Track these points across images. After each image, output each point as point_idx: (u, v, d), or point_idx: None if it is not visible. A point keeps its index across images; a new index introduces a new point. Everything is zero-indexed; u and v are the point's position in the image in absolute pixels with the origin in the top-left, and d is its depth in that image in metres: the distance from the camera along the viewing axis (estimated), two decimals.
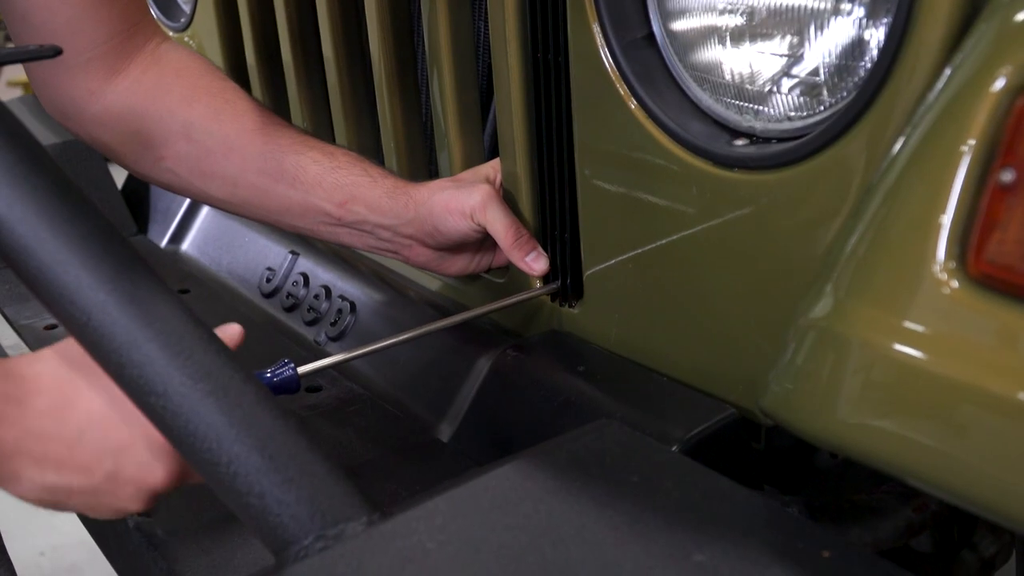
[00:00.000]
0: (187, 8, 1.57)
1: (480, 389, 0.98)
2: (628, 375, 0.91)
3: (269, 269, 1.32)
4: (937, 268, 0.56)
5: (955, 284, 0.56)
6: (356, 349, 0.92)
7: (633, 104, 0.84)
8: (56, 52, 0.84)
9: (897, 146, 0.61)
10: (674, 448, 0.81)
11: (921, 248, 0.57)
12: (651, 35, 0.85)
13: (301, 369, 0.86)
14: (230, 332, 0.78)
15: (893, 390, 0.57)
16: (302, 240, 1.33)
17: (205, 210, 1.51)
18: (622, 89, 0.85)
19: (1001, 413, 0.53)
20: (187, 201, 1.53)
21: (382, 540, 0.61)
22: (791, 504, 0.81)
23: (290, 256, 1.31)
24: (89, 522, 1.06)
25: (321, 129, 1.33)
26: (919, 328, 0.57)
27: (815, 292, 0.63)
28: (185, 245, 1.51)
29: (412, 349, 1.07)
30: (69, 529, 2.22)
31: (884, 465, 0.58)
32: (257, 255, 1.35)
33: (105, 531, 0.97)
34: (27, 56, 0.83)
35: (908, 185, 0.59)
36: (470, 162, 1.10)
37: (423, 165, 1.21)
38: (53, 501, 0.70)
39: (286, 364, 0.85)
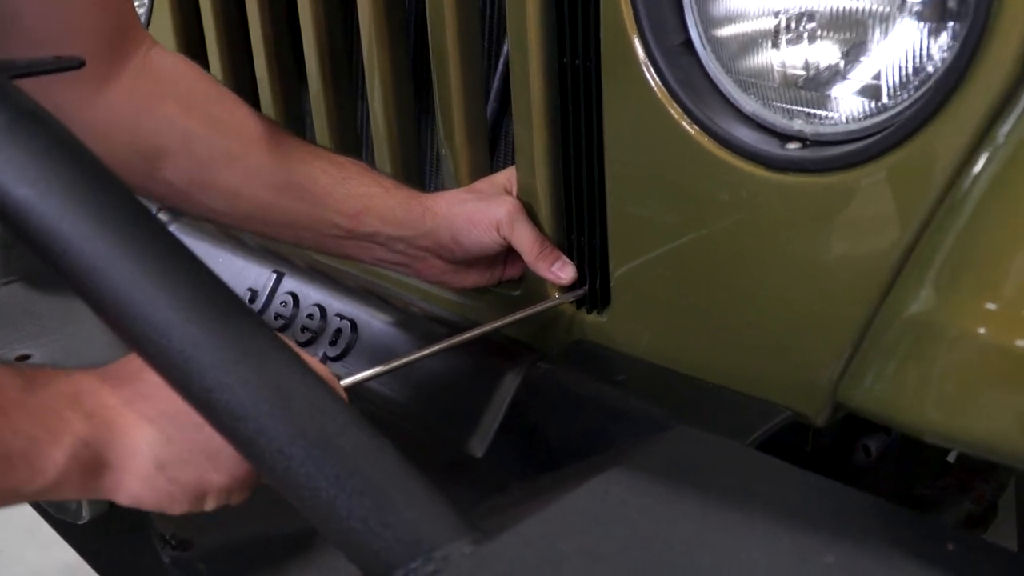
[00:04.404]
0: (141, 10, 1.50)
1: (512, 403, 0.96)
2: (670, 382, 0.90)
3: (251, 290, 1.27)
4: None
5: None
6: (390, 362, 0.89)
7: (675, 111, 0.84)
8: (80, 64, 0.80)
9: (988, 149, 0.63)
10: None
11: None
12: (688, 41, 0.85)
13: (344, 382, 0.83)
14: None
15: (1009, 378, 0.59)
16: (283, 259, 1.29)
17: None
18: (663, 96, 0.85)
19: None
20: None
21: (494, 560, 0.59)
22: None
23: (274, 276, 1.27)
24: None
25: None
26: None
27: (910, 289, 0.64)
28: None
29: (427, 366, 1.04)
30: None
31: (1003, 457, 0.59)
32: (234, 276, 1.30)
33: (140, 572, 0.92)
34: (49, 68, 0.79)
35: (1011, 181, 0.61)
36: (477, 172, 1.08)
37: (416, 175, 1.19)
38: (167, 477, 0.70)
39: None
